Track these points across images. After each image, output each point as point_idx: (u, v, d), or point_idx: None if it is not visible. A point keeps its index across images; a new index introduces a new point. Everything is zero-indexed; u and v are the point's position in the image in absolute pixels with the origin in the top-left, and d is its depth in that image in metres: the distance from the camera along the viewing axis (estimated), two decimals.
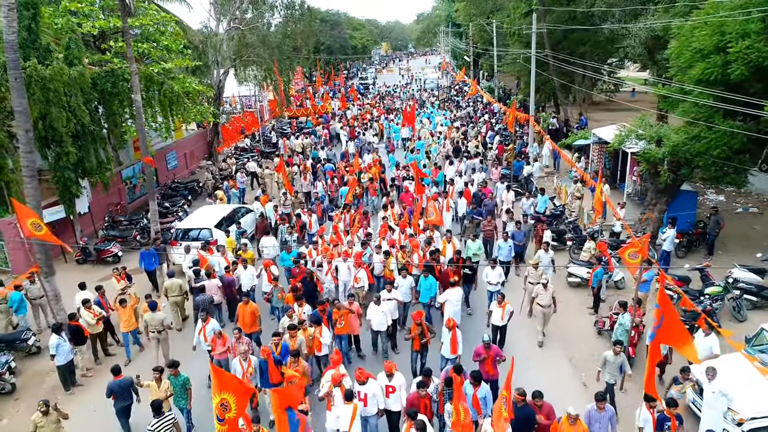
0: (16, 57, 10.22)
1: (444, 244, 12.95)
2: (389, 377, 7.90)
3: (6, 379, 10.29)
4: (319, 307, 10.24)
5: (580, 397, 9.48)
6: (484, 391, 7.75)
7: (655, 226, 14.38)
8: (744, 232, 15.64)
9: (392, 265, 12.08)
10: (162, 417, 7.74)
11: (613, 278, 12.97)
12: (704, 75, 12.13)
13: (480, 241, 13.48)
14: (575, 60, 22.68)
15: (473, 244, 13.10)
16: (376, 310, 10.18)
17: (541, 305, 10.84)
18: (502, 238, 13.39)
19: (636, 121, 15.02)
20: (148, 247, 13.92)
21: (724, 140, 12.18)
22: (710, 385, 7.79)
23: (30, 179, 11.24)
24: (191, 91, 19.34)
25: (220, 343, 9.62)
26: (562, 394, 9.00)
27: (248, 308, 10.39)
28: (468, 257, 12.47)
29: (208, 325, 9.78)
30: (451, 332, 9.11)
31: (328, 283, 12.27)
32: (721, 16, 12.06)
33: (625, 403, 9.00)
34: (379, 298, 10.27)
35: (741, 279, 11.80)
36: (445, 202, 16.17)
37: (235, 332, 9.26)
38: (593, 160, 20.48)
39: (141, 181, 21.57)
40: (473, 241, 13.22)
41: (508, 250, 13.24)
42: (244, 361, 8.69)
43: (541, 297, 10.84)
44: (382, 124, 30.77)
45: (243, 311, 10.38)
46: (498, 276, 11.60)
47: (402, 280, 11.34)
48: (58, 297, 11.75)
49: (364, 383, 7.71)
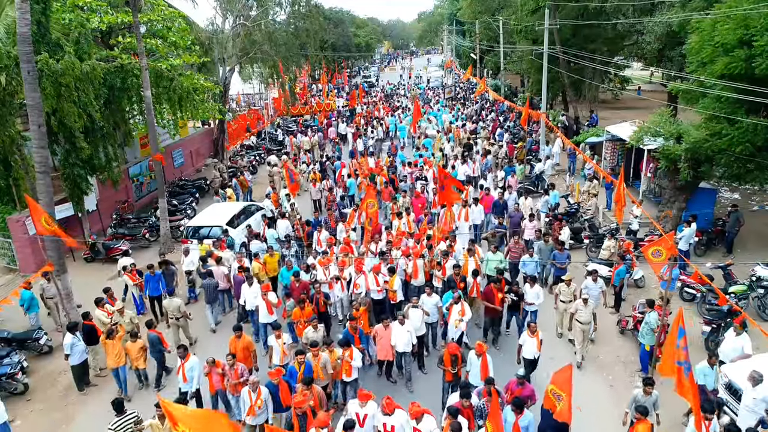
0: (30, 50, 10.00)
1: (465, 258, 11.60)
2: (418, 421, 6.98)
3: (18, 379, 10.08)
4: (350, 323, 9.56)
5: (606, 397, 9.32)
6: (528, 420, 7.11)
7: (673, 224, 14.16)
8: (762, 231, 15.41)
9: (396, 284, 10.92)
10: (124, 415, 7.78)
11: (633, 276, 12.76)
12: (728, 69, 11.91)
13: (501, 254, 12.25)
14: (587, 56, 22.44)
15: (494, 257, 11.88)
16: (401, 330, 9.23)
17: (581, 322, 9.97)
18: (527, 254, 12.21)
19: (654, 117, 14.80)
20: (153, 270, 11.97)
21: (748, 136, 11.95)
22: (753, 391, 7.54)
23: (42, 175, 11.04)
24: (199, 88, 19.12)
25: (216, 371, 8.62)
26: (588, 396, 8.84)
27: (241, 342, 9.13)
28: (490, 273, 11.40)
29: (187, 363, 8.79)
30: (481, 358, 8.36)
31: (334, 297, 11.46)
32: (745, 9, 11.83)
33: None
34: (404, 317, 9.39)
35: (764, 277, 11.59)
36: (464, 210, 14.75)
37: (229, 358, 8.52)
38: (606, 157, 20.26)
39: (148, 179, 21.37)
40: (494, 253, 11.99)
41: (534, 266, 12.01)
42: (253, 392, 7.84)
43: (580, 313, 9.96)
44: (388, 123, 30.54)
45: (235, 345, 9.10)
46: (536, 296, 10.48)
47: (426, 298, 10.21)
48: (70, 295, 11.56)
49: (390, 415, 6.99)
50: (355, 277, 11.29)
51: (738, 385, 8.08)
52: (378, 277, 10.96)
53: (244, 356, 9.09)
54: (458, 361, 8.55)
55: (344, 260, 11.99)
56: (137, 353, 9.78)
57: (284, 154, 24.17)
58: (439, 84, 54.80)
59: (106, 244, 16.05)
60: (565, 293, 10.71)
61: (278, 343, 9.17)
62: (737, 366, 8.31)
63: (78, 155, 14.45)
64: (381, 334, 9.30)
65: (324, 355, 8.49)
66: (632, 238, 14.06)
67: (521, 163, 21.22)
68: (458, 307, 9.73)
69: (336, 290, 11.47)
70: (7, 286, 14.49)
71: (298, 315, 10.02)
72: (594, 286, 10.82)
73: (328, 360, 8.49)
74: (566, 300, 10.61)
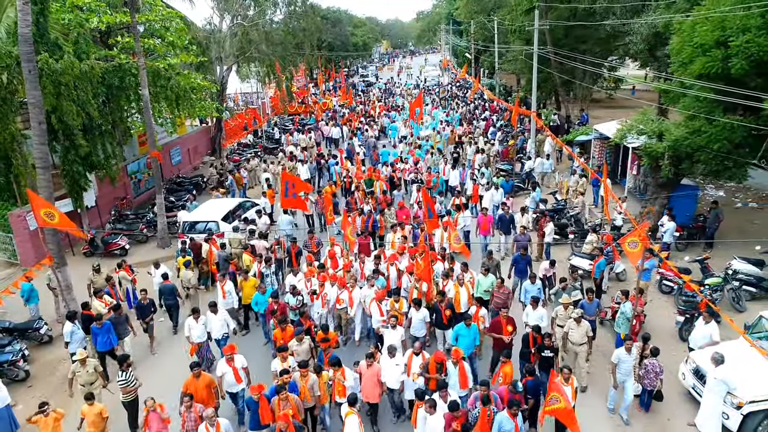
0: (31, 50, 10.41)
1: (456, 288, 10.41)
2: None
3: (20, 366, 10.51)
4: (319, 334, 9.08)
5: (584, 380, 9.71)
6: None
7: (656, 220, 14.59)
8: (743, 227, 15.85)
9: (405, 307, 10.15)
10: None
11: (615, 270, 13.19)
12: (705, 69, 12.31)
13: (493, 277, 11.05)
14: (577, 57, 22.86)
15: (485, 280, 10.86)
16: (390, 364, 8.33)
17: (573, 342, 9.27)
18: (529, 280, 10.97)
19: (638, 116, 15.22)
20: (100, 323, 9.98)
21: (725, 134, 12.37)
22: (715, 371, 7.98)
23: (43, 171, 11.44)
24: (196, 87, 19.51)
25: (156, 418, 7.60)
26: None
27: (201, 381, 8.00)
28: (480, 297, 10.41)
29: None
30: (458, 365, 8.05)
31: (314, 312, 10.76)
32: (722, 11, 12.24)
33: None
34: (393, 348, 8.47)
35: (740, 270, 12.03)
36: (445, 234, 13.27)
37: (186, 400, 7.54)
38: (594, 155, 20.68)
39: (146, 176, 21.78)
40: (485, 275, 10.97)
41: (537, 292, 10.65)
42: (211, 426, 7.18)
43: (572, 333, 9.21)
44: (383, 122, 30.92)
45: (195, 386, 7.94)
46: (539, 318, 9.64)
47: (415, 312, 9.68)
48: (69, 287, 11.97)
49: None
50: (337, 292, 10.67)
51: (704, 370, 8.51)
52: (382, 305, 10.02)
53: (206, 396, 8.04)
54: (443, 370, 8.13)
55: (325, 275, 11.17)
56: (94, 420, 7.96)
57: (280, 152, 24.54)
58: (436, 83, 55.20)
59: (104, 239, 16.46)
60: (562, 317, 9.74)
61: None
62: (704, 353, 8.73)
63: (77, 152, 14.88)
64: (364, 373, 8.22)
65: (312, 376, 8.04)
66: (617, 234, 14.49)
67: (511, 161, 21.63)
68: (419, 359, 8.33)
69: (316, 306, 10.80)
70: (8, 279, 14.89)
71: (278, 336, 9.33)
72: (590, 306, 10.05)
73: (316, 381, 8.02)
74: (563, 325, 9.61)
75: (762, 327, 9.14)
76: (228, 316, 10.53)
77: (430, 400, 6.79)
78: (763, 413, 7.85)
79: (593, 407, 9.06)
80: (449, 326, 9.69)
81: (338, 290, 10.72)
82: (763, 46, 11.24)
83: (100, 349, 10.10)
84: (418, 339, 9.62)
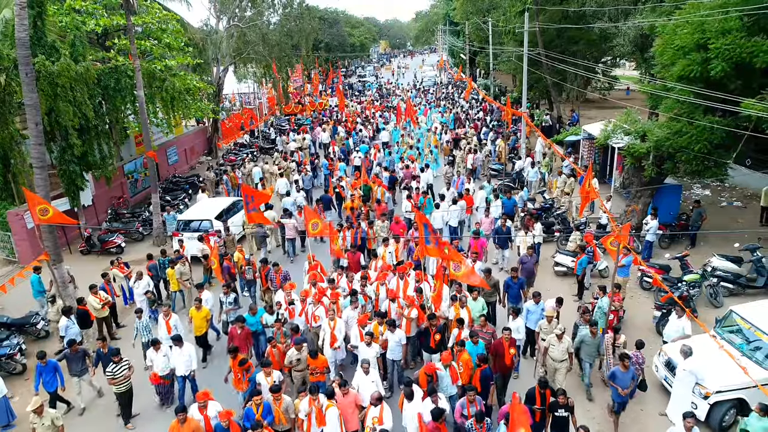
0: (28, 53, 10.74)
1: (456, 309, 9.73)
2: None
3: (17, 359, 10.85)
4: (270, 344, 8.77)
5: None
6: None
7: (639, 219, 14.93)
8: (726, 225, 16.17)
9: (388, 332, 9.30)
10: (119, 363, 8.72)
11: (598, 267, 13.51)
12: (685, 71, 12.66)
13: (483, 301, 10.26)
14: (568, 59, 23.20)
15: (475, 305, 10.03)
16: (366, 380, 8.02)
17: (554, 359, 8.93)
18: (533, 300, 10.23)
19: (622, 117, 15.56)
20: (44, 360, 9.09)
21: (705, 135, 12.73)
22: (683, 363, 8.33)
23: (40, 170, 11.77)
24: (192, 88, 19.85)
25: None
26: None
27: (186, 428, 7.37)
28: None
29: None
30: (448, 368, 8.09)
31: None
32: (703, 15, 12.59)
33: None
34: (366, 362, 8.14)
35: (719, 267, 12.37)
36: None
37: None
38: (583, 155, 21.02)
39: (143, 176, 22.09)
40: (474, 299, 10.14)
41: (540, 314, 9.89)
42: None
43: (553, 349, 8.90)
44: (378, 123, 31.24)
45: (178, 431, 7.36)
46: (516, 329, 9.31)
47: (390, 334, 9.09)
48: (66, 283, 12.28)
49: None
50: (313, 308, 10.06)
51: (675, 362, 8.84)
52: (364, 331, 9.36)
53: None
54: (434, 380, 7.95)
55: (307, 291, 10.81)
56: None
57: (276, 152, 24.86)
58: (432, 83, 55.55)
59: (101, 237, 16.79)
60: (545, 330, 9.44)
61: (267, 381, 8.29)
62: (676, 345, 9.06)
63: (73, 152, 15.18)
64: (341, 402, 7.72)
65: (287, 398, 7.79)
66: (601, 232, 14.83)
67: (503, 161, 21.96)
68: (375, 411, 7.39)
69: (296, 321, 10.26)
70: (6, 276, 15.20)
71: (232, 365, 8.70)
72: (624, 375, 8.28)
73: (290, 404, 7.79)
74: (545, 339, 9.23)
75: (732, 321, 9.46)
76: (193, 350, 9.43)
77: (407, 389, 7.08)
78: (729, 403, 8.19)
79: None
80: (437, 351, 9.21)
81: (313, 306, 10.10)
82: (741, 48, 11.57)
83: (48, 389, 9.19)
84: (395, 362, 9.32)
